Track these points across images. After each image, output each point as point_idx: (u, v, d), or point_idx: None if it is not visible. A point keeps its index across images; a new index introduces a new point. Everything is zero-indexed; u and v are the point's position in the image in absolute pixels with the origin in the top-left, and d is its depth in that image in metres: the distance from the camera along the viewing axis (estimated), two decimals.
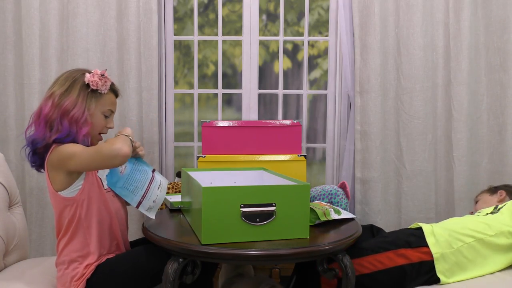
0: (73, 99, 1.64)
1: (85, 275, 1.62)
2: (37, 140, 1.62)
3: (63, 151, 1.56)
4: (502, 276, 1.79)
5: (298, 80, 2.78)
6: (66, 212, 1.63)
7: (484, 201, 2.12)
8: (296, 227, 1.55)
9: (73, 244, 1.65)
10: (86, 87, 1.66)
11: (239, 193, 1.50)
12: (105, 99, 1.71)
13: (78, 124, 1.62)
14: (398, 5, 2.47)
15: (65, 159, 1.56)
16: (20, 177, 2.44)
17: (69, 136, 1.61)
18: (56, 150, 1.59)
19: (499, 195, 2.09)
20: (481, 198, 2.15)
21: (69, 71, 1.73)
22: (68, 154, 1.55)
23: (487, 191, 2.17)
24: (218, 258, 1.48)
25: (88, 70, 1.70)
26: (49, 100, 1.64)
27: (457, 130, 2.46)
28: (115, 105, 1.77)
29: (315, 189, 2.34)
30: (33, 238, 2.43)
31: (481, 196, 2.17)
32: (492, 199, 2.10)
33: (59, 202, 1.63)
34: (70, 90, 1.65)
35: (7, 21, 2.44)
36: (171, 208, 2.00)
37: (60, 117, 1.61)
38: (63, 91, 1.65)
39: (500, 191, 2.10)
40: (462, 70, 2.44)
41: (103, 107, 1.71)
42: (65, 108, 1.62)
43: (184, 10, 2.76)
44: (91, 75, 1.66)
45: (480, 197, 2.17)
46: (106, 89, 1.69)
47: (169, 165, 2.67)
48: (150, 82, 2.47)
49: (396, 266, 1.74)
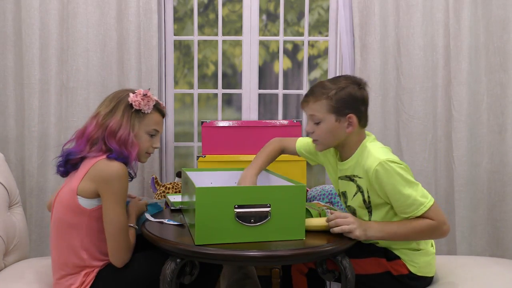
0: (118, 119, 1.65)
1: (86, 283, 1.61)
2: (74, 153, 1.64)
3: (111, 172, 1.56)
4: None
5: (298, 80, 2.78)
6: (71, 219, 1.60)
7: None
8: (292, 228, 1.54)
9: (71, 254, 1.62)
10: (130, 108, 1.68)
11: (233, 194, 1.49)
12: (149, 119, 1.72)
13: (127, 146, 1.64)
14: (398, 5, 2.47)
15: (105, 181, 1.56)
16: (20, 177, 2.44)
17: (121, 157, 1.62)
18: (107, 162, 1.58)
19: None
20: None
21: (115, 91, 1.76)
22: (112, 179, 1.56)
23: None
24: (216, 259, 1.48)
25: (133, 90, 1.72)
26: (94, 120, 1.67)
27: (457, 130, 2.46)
28: (161, 125, 1.78)
29: (315, 189, 2.34)
30: (33, 238, 2.43)
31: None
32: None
33: (70, 207, 1.60)
34: (115, 111, 1.67)
35: (7, 21, 2.44)
36: (172, 208, 2.00)
37: (106, 137, 1.63)
38: (108, 111, 1.67)
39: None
40: (462, 70, 2.44)
41: (147, 127, 1.72)
42: (110, 128, 1.64)
43: (184, 10, 2.76)
44: (134, 95, 1.68)
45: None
46: (149, 108, 1.71)
47: (169, 165, 2.67)
48: (150, 82, 2.47)
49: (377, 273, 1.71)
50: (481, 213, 2.50)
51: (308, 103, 1.67)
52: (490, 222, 2.51)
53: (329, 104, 1.62)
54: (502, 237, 2.47)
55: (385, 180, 1.57)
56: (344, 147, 1.70)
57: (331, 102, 1.61)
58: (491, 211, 2.50)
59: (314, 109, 1.65)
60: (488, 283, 1.76)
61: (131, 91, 1.71)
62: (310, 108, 1.66)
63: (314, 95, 1.65)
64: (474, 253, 2.48)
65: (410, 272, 1.69)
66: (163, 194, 2.31)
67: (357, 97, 1.64)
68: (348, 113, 1.62)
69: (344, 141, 1.68)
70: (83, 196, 1.58)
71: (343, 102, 1.62)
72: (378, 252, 1.72)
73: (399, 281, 1.69)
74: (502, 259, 2.14)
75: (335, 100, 1.61)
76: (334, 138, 1.67)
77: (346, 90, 1.62)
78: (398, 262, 1.70)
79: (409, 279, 1.69)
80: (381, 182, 1.58)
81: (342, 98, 1.61)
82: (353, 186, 1.70)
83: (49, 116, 2.45)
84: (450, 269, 1.87)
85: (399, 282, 1.70)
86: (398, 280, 1.69)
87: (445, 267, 1.87)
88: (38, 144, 2.43)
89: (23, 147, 2.45)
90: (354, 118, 1.63)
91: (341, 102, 1.61)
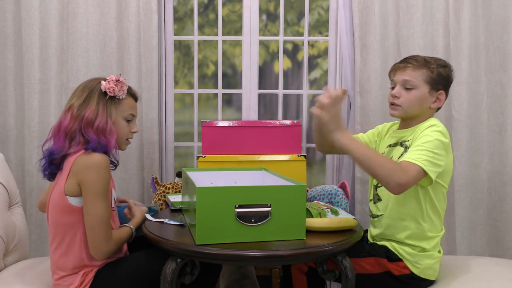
0: (93, 109, 1.64)
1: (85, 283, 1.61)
2: (55, 152, 1.62)
3: (91, 161, 1.56)
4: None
5: (298, 80, 2.78)
6: (65, 220, 1.60)
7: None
8: (292, 228, 1.55)
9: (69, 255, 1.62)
10: (104, 95, 1.67)
11: (233, 194, 1.50)
12: (124, 104, 1.71)
13: (105, 134, 1.63)
14: (398, 5, 2.47)
15: (87, 169, 1.55)
16: (20, 177, 2.45)
17: (100, 147, 1.61)
18: (86, 156, 1.58)
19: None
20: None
21: (85, 81, 1.73)
22: (91, 170, 1.55)
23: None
24: (217, 259, 1.48)
25: (103, 78, 1.70)
26: (68, 113, 1.64)
27: (457, 130, 2.46)
28: (136, 109, 1.78)
29: (315, 189, 2.34)
30: (33, 238, 2.43)
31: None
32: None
33: (61, 207, 1.60)
34: (89, 101, 1.65)
35: (7, 21, 2.44)
36: (172, 208, 2.00)
37: (82, 128, 1.61)
38: (81, 102, 1.65)
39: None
40: (462, 70, 2.44)
41: (123, 113, 1.71)
42: (87, 118, 1.62)
43: (184, 10, 2.76)
44: (106, 82, 1.66)
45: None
46: (123, 94, 1.70)
47: (169, 165, 2.67)
48: (150, 82, 2.47)
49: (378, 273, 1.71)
50: (481, 213, 2.50)
51: (406, 69, 1.75)
52: (490, 222, 2.51)
53: (429, 75, 1.72)
54: (502, 237, 2.47)
55: (426, 132, 1.65)
56: (413, 119, 1.77)
57: (432, 74, 1.72)
58: (491, 211, 2.50)
59: (412, 75, 1.73)
60: (488, 283, 1.77)
61: (102, 79, 1.69)
62: (407, 74, 1.74)
63: (416, 63, 1.74)
64: (474, 253, 2.48)
65: (412, 273, 1.69)
66: (163, 194, 2.31)
67: (451, 78, 1.78)
68: (441, 89, 1.75)
69: (419, 114, 1.76)
70: (72, 195, 1.58)
71: (441, 78, 1.73)
72: (379, 252, 1.72)
73: (400, 281, 1.69)
74: (502, 259, 2.15)
75: (436, 73, 1.72)
76: (418, 107, 1.75)
77: (445, 68, 1.76)
78: (400, 264, 1.70)
79: (410, 279, 1.70)
80: (422, 132, 1.66)
81: (441, 74, 1.73)
82: (401, 149, 1.75)
83: (49, 116, 2.45)
84: (450, 269, 1.87)
85: (400, 282, 1.70)
86: (399, 280, 1.69)
87: (445, 267, 1.87)
88: (38, 144, 2.42)
89: (23, 147, 2.45)
90: (443, 95, 1.76)
91: (440, 77, 1.73)
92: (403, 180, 1.52)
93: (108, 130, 1.63)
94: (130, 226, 1.71)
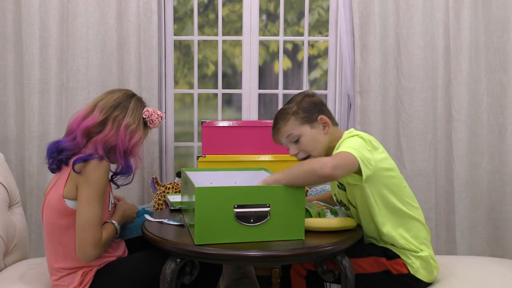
0: (140, 136, 1.69)
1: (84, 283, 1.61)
2: (70, 150, 1.61)
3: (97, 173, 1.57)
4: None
5: (298, 80, 2.79)
6: (61, 222, 1.60)
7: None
8: (291, 228, 1.54)
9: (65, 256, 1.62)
10: (143, 121, 1.72)
11: (232, 194, 1.49)
12: (147, 133, 1.78)
13: (135, 161, 1.69)
14: (398, 5, 2.47)
15: (85, 171, 1.55)
16: (20, 177, 2.45)
17: (128, 171, 1.67)
18: (98, 165, 1.57)
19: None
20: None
21: (129, 95, 1.73)
22: (89, 171, 1.55)
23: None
24: (216, 259, 1.48)
25: (143, 102, 1.75)
26: (113, 125, 1.64)
27: (457, 130, 2.45)
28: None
29: (315, 189, 2.34)
30: (33, 238, 2.44)
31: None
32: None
33: (59, 210, 1.60)
34: (137, 127, 1.68)
35: (7, 21, 2.44)
36: (171, 208, 2.00)
37: (120, 150, 1.63)
38: (132, 122, 1.67)
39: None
40: (462, 70, 2.44)
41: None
42: (131, 142, 1.65)
43: (184, 10, 2.77)
44: (154, 114, 1.71)
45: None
46: (154, 127, 1.76)
47: (169, 165, 2.67)
48: (150, 82, 2.47)
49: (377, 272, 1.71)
50: (481, 213, 2.50)
51: (279, 129, 1.78)
52: (490, 222, 2.51)
53: (297, 118, 1.74)
54: (502, 237, 2.46)
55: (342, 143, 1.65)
56: (328, 150, 1.75)
57: (299, 115, 1.74)
58: (491, 211, 2.50)
59: (287, 130, 1.75)
60: (488, 283, 1.77)
61: (145, 105, 1.74)
62: (284, 132, 1.76)
63: (281, 120, 1.76)
64: (474, 253, 2.49)
65: (409, 272, 1.69)
66: (163, 194, 2.30)
67: (316, 101, 1.78)
68: (317, 116, 1.75)
69: (329, 145, 1.75)
70: (70, 199, 1.58)
71: (308, 110, 1.75)
72: (377, 251, 1.72)
73: (399, 280, 1.70)
74: (502, 259, 2.15)
75: (301, 111, 1.74)
76: (319, 144, 1.75)
77: (304, 100, 1.77)
78: (398, 261, 1.70)
79: (408, 279, 1.70)
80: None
81: (305, 107, 1.75)
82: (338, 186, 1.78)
83: (49, 116, 2.45)
84: (450, 269, 1.87)
85: (399, 282, 1.70)
86: (398, 279, 1.69)
87: (445, 267, 1.87)
88: (38, 144, 2.43)
89: (23, 147, 2.45)
90: (324, 117, 1.75)
91: (307, 110, 1.75)
92: (328, 165, 1.49)
93: (137, 158, 1.69)
94: (112, 221, 1.69)
